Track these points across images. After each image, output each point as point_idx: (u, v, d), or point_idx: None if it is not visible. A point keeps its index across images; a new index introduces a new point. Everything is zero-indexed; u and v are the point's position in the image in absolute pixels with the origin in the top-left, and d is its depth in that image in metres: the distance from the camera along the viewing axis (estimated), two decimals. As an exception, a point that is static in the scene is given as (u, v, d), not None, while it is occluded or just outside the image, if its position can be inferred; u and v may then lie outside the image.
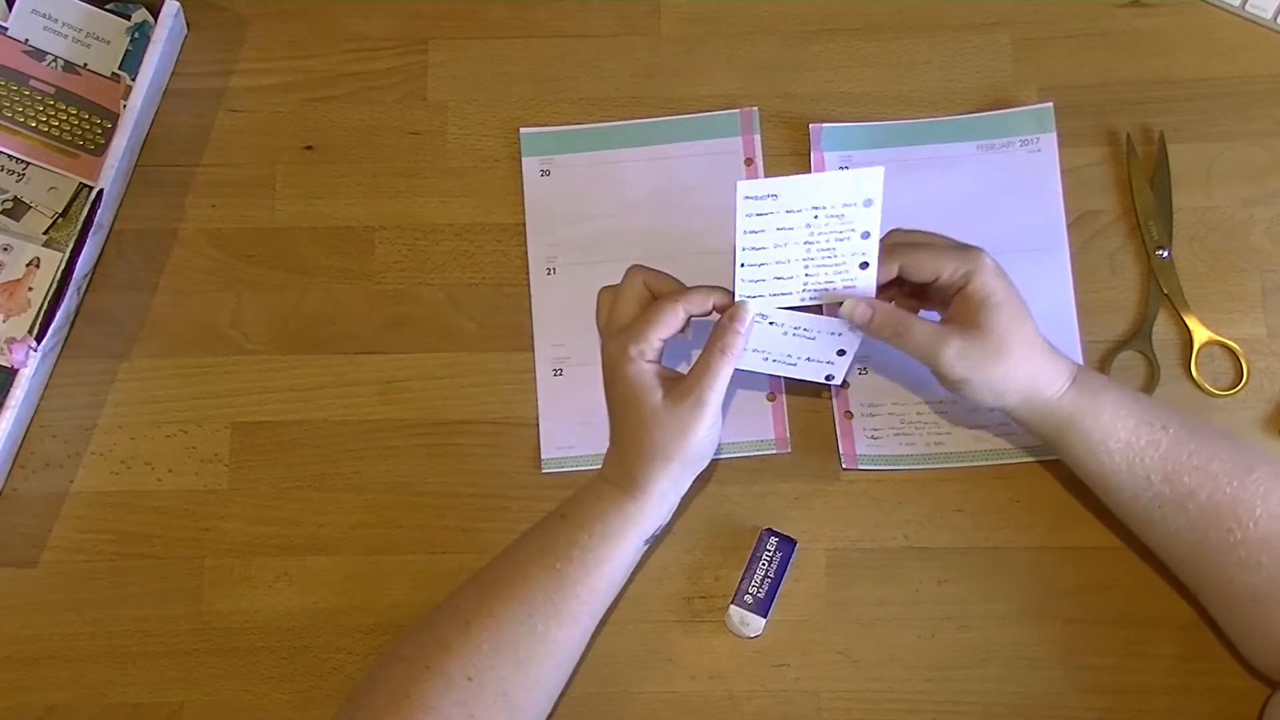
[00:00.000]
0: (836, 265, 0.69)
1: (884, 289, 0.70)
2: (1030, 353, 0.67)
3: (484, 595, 0.66)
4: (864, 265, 0.69)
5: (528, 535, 0.69)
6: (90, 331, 0.80)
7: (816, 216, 0.67)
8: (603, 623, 0.74)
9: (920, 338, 0.67)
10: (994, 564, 0.75)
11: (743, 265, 0.68)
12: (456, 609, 0.66)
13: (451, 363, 0.79)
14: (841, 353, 0.71)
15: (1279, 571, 0.65)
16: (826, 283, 0.69)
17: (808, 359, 0.72)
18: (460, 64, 0.84)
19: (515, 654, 0.65)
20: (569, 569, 0.66)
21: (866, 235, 0.68)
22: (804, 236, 0.68)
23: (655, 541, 0.71)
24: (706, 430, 0.67)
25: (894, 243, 0.69)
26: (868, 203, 0.67)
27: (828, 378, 0.73)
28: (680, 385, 0.67)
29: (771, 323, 0.70)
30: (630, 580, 0.75)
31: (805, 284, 0.69)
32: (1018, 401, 0.68)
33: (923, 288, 0.69)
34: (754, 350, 0.71)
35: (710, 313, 0.69)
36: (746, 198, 0.65)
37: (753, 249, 0.68)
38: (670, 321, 0.67)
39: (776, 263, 0.68)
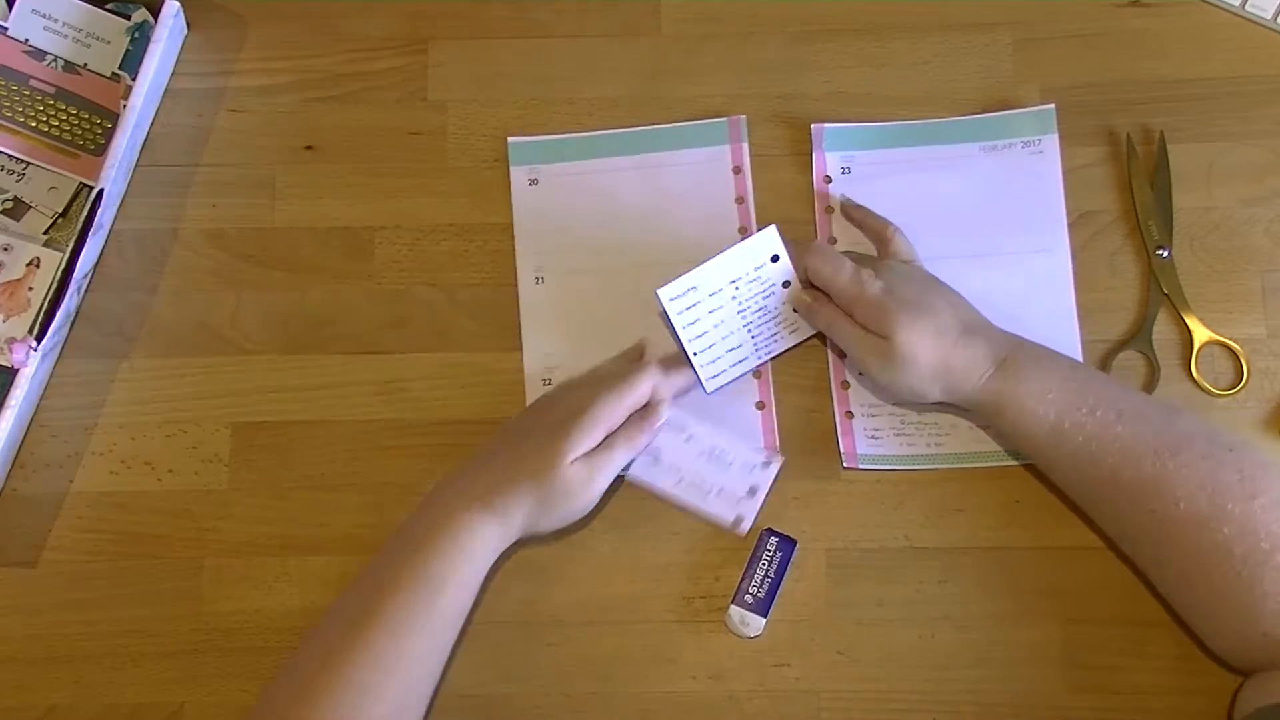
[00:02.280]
0: (776, 318, 0.76)
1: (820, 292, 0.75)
2: (939, 352, 0.69)
3: (342, 637, 0.65)
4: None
5: (375, 566, 0.68)
6: (90, 331, 0.80)
7: (737, 288, 0.74)
8: (603, 623, 0.75)
9: (846, 336, 0.72)
10: (994, 564, 0.75)
11: (695, 355, 0.75)
12: (314, 655, 0.66)
13: (451, 363, 0.79)
14: (753, 491, 0.75)
15: (1202, 553, 0.65)
16: (774, 335, 0.76)
17: (719, 490, 0.75)
18: (460, 64, 0.84)
19: (383, 690, 0.64)
20: (422, 593, 0.66)
21: (787, 284, 0.75)
22: (735, 309, 0.75)
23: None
24: (581, 503, 0.70)
25: (805, 247, 0.74)
26: (775, 258, 0.74)
27: (735, 520, 0.75)
28: (586, 456, 0.69)
29: (689, 438, 0.75)
30: (630, 580, 0.75)
31: (756, 346, 0.76)
32: (941, 395, 0.71)
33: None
34: (670, 468, 0.75)
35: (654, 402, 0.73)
36: (671, 299, 0.73)
37: (697, 338, 0.75)
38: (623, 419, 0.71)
39: (724, 339, 0.75)
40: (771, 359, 0.77)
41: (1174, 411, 0.69)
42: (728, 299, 0.74)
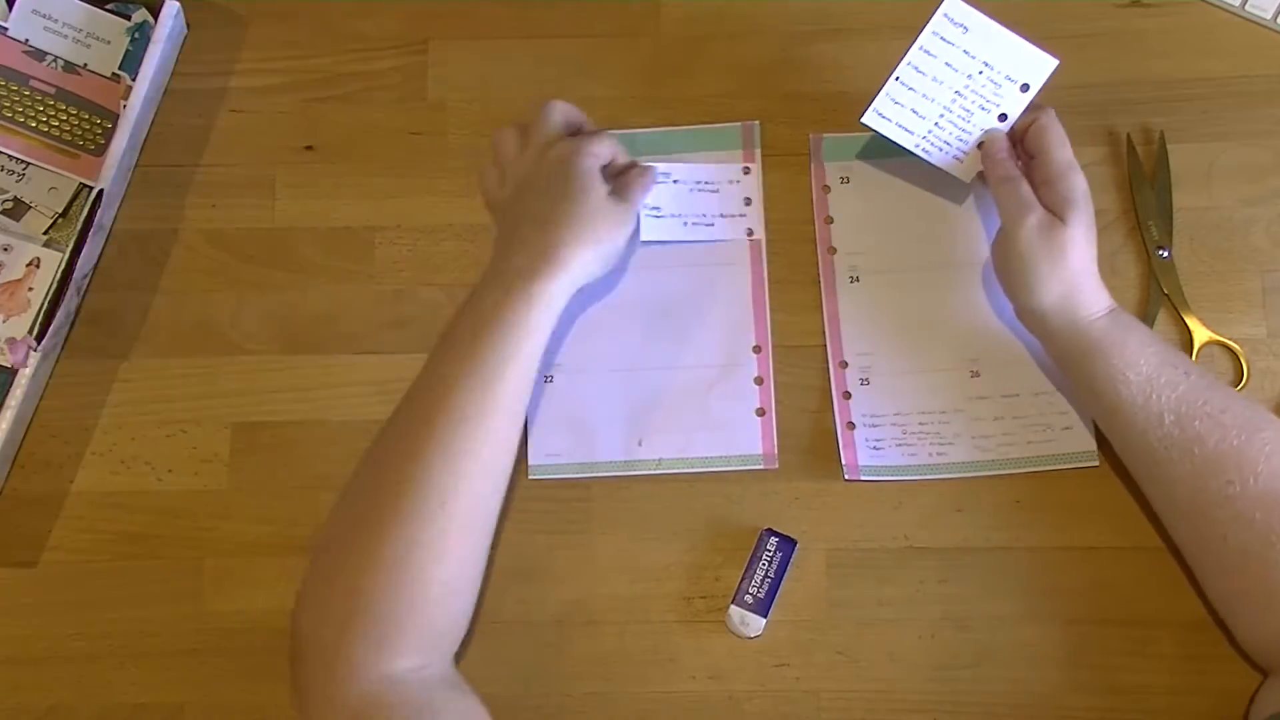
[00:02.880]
0: (966, 132, 0.74)
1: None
2: (1084, 266, 0.70)
3: (424, 428, 0.67)
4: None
5: (437, 361, 0.70)
6: (90, 331, 0.80)
7: (975, 76, 0.72)
8: (603, 623, 0.75)
9: (1021, 193, 0.71)
10: (994, 564, 0.75)
11: (895, 80, 0.73)
12: (402, 445, 0.67)
13: (451, 363, 0.79)
14: (747, 201, 0.78)
15: (1269, 528, 0.65)
16: (951, 141, 0.75)
17: (720, 215, 0.79)
18: (460, 64, 0.84)
19: (477, 471, 0.67)
20: (492, 373, 0.68)
21: (1004, 118, 0.73)
22: (956, 89, 0.73)
23: None
24: (630, 230, 0.74)
25: (1040, 111, 0.73)
26: (1025, 87, 0.72)
27: (749, 231, 0.78)
28: (616, 189, 0.73)
29: (675, 180, 0.79)
30: (630, 580, 0.75)
31: (929, 134, 0.74)
32: (1052, 306, 0.70)
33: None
34: (671, 216, 0.78)
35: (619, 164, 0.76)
36: (945, 15, 0.71)
37: (912, 74, 0.73)
38: (612, 146, 0.75)
39: (922, 98, 0.73)
40: (927, 159, 0.76)
41: (1247, 398, 0.71)
42: (964, 74, 0.73)
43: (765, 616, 0.74)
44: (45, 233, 0.80)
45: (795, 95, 0.83)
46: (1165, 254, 0.79)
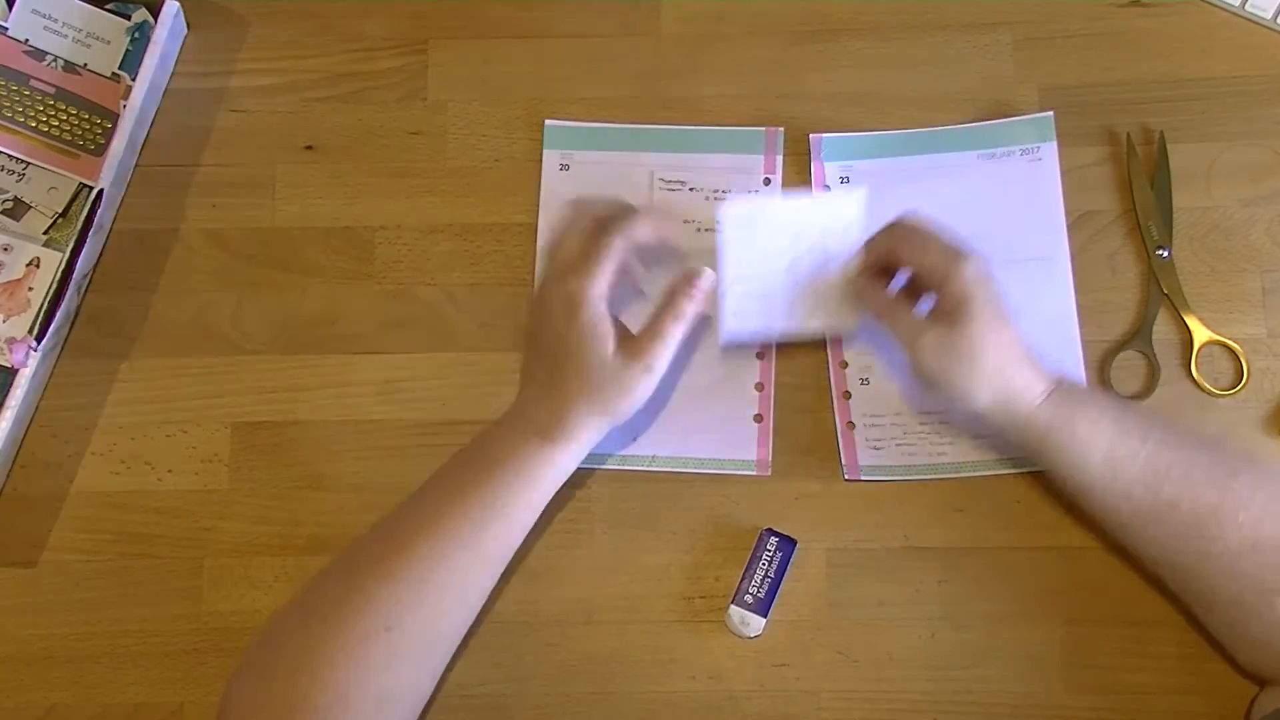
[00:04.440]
0: (821, 293, 0.73)
1: (881, 277, 0.72)
2: (1005, 359, 0.67)
3: (399, 546, 0.66)
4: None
5: (436, 483, 0.69)
6: (90, 331, 0.80)
7: (798, 241, 0.72)
8: (603, 623, 0.75)
9: (904, 321, 0.69)
10: (994, 564, 0.75)
11: (729, 289, 0.72)
12: (372, 558, 0.66)
13: (451, 363, 0.79)
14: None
15: (1260, 577, 0.64)
16: (814, 309, 0.73)
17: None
18: (460, 64, 0.84)
19: (435, 602, 0.65)
20: (486, 514, 0.66)
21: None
22: (787, 262, 0.72)
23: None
24: (648, 392, 0.68)
25: (893, 223, 0.71)
26: (849, 227, 0.71)
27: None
28: (632, 343, 0.68)
29: (691, 189, 0.74)
30: (630, 580, 0.75)
31: (790, 313, 0.73)
32: (989, 405, 0.68)
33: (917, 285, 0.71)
34: (684, 223, 0.75)
35: (661, 245, 0.70)
36: (728, 219, 0.69)
37: (738, 273, 0.72)
38: (618, 251, 0.67)
39: (762, 289, 0.72)
40: (797, 335, 0.75)
41: (1214, 438, 0.68)
42: (784, 247, 0.71)
43: (765, 616, 0.74)
44: (45, 233, 0.80)
45: (795, 95, 0.83)
46: (1165, 254, 0.79)
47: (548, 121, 0.82)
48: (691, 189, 0.80)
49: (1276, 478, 0.66)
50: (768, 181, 0.81)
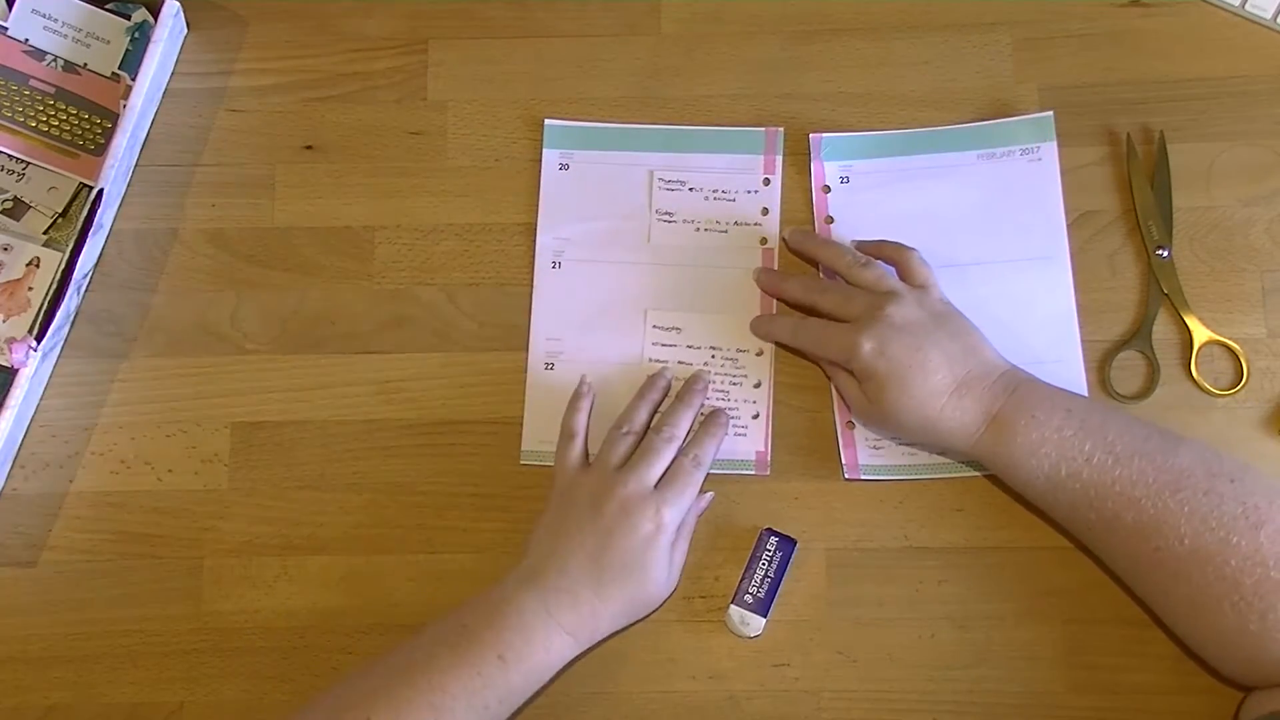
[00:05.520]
0: (728, 412, 0.77)
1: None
2: (926, 415, 0.70)
3: (400, 701, 0.64)
4: (755, 416, 0.77)
5: (450, 626, 0.67)
6: (90, 331, 0.80)
7: (714, 356, 0.77)
8: (603, 623, 0.75)
9: (838, 376, 0.75)
10: (994, 564, 0.75)
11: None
12: (369, 689, 0.65)
13: (451, 363, 0.79)
14: (766, 211, 0.80)
15: (1207, 583, 0.64)
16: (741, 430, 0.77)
17: (735, 224, 0.80)
18: (460, 64, 0.84)
19: None
20: (492, 696, 0.66)
21: (758, 384, 0.76)
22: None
23: None
24: (668, 590, 0.73)
25: (796, 326, 0.75)
26: (760, 351, 0.76)
27: (762, 240, 0.79)
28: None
29: (691, 189, 0.81)
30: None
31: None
32: (937, 447, 0.74)
33: None
34: (684, 222, 0.80)
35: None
36: (654, 326, 0.75)
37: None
38: (689, 499, 0.72)
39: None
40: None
41: (1173, 444, 0.67)
42: (701, 362, 0.77)
43: (765, 616, 0.74)
44: (45, 232, 0.80)
45: (795, 95, 0.83)
46: (1165, 254, 0.79)
47: (547, 121, 0.82)
48: (691, 189, 0.81)
49: (1215, 490, 0.65)
50: (767, 181, 0.81)
